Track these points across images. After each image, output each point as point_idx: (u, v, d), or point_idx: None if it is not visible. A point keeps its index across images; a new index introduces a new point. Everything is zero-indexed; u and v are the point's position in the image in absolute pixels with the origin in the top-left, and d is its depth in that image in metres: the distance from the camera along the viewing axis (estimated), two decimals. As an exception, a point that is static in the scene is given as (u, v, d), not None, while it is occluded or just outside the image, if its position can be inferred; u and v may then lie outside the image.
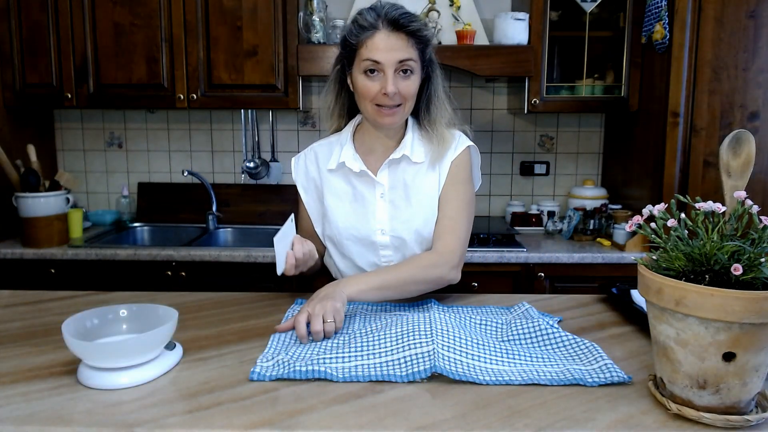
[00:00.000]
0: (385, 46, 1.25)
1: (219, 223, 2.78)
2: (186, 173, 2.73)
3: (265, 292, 1.44)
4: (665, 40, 2.18)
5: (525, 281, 2.30)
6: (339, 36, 1.98)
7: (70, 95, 2.50)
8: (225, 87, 2.50)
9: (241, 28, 2.45)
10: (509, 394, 0.91)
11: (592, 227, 2.51)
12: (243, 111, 2.81)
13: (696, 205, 0.85)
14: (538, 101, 2.48)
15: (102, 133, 2.90)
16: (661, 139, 2.23)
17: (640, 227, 0.88)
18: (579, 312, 1.31)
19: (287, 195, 2.81)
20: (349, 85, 1.36)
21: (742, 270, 0.76)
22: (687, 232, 0.85)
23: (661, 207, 0.88)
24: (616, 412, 0.85)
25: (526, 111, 2.50)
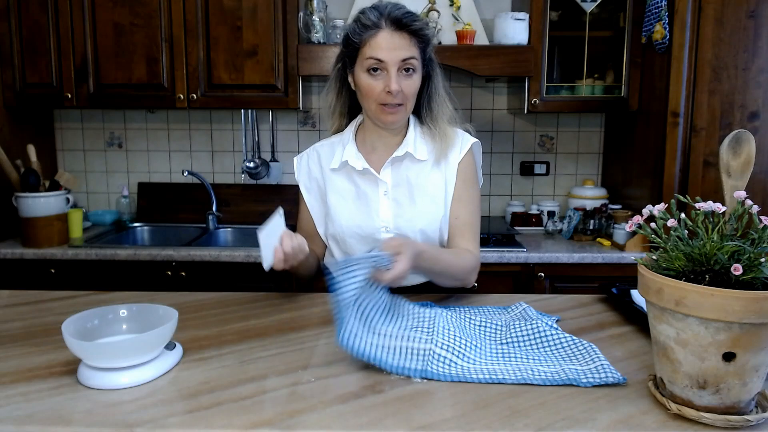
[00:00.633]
0: (389, 44, 1.26)
1: (219, 223, 2.78)
2: (186, 173, 2.74)
3: (265, 292, 1.44)
4: (665, 40, 2.18)
5: (525, 281, 2.30)
6: (340, 35, 1.98)
7: (70, 95, 2.49)
8: (225, 87, 2.50)
9: (241, 28, 2.45)
10: (509, 394, 0.91)
11: (592, 227, 2.51)
12: (243, 111, 2.81)
13: (696, 205, 0.85)
14: (538, 101, 2.48)
15: (102, 133, 2.90)
16: (661, 139, 2.23)
17: (640, 227, 0.88)
18: (579, 312, 1.31)
19: (287, 195, 2.81)
20: (351, 84, 1.36)
21: (742, 270, 0.76)
22: (687, 232, 0.85)
23: (661, 207, 0.88)
24: (616, 412, 0.85)
25: (526, 111, 2.50)
